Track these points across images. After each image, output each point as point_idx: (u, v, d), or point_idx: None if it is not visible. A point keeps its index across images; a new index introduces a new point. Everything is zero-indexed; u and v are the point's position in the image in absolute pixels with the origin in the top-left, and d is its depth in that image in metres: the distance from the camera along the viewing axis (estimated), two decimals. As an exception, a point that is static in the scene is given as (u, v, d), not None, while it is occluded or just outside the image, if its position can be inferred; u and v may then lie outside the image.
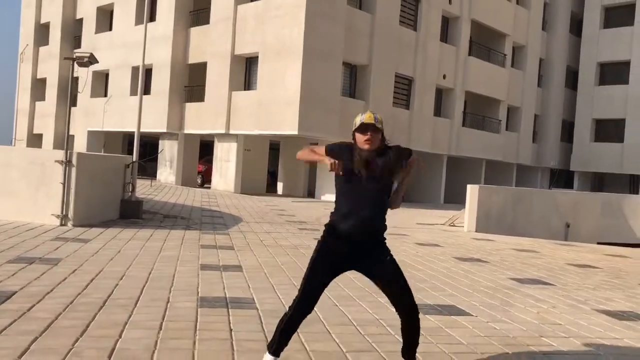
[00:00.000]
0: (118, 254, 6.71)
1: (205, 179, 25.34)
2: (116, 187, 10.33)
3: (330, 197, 22.19)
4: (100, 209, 9.61)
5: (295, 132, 19.40)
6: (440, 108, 26.50)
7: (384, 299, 5.09)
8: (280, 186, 25.42)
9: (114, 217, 10.17)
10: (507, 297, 5.68)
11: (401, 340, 3.94)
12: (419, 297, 5.34)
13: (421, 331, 4.18)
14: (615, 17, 33.19)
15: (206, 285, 5.29)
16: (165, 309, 4.34)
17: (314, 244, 8.64)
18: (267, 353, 3.13)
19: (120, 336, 3.62)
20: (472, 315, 4.82)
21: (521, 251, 9.79)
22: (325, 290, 5.44)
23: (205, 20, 23.77)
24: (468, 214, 13.44)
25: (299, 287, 5.40)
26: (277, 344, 3.13)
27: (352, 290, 5.49)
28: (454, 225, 14.48)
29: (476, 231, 13.14)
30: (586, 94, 33.76)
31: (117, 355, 3.28)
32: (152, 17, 26.40)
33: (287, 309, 3.24)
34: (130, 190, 10.71)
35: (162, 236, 8.43)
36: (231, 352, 3.46)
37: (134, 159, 11.22)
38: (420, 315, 4.71)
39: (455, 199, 25.42)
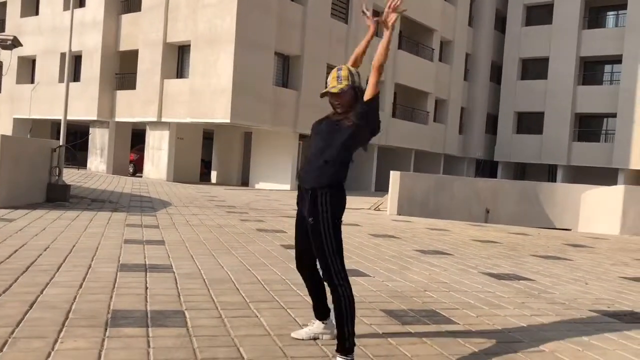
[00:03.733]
0: (43, 230, 6.92)
1: (138, 168, 25.16)
2: (42, 170, 10.37)
3: (265, 185, 22.63)
4: (25, 192, 9.66)
5: (228, 121, 19.66)
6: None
7: (294, 265, 5.62)
8: (214, 175, 25.58)
9: (40, 200, 10.22)
10: (406, 264, 6.32)
11: (301, 293, 4.46)
12: (327, 264, 5.90)
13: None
14: (536, 16, 35.12)
15: (128, 255, 5.63)
16: (87, 273, 4.68)
17: (239, 224, 9.11)
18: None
19: (41, 293, 3.95)
20: (370, 276, 5.41)
21: (434, 230, 10.57)
22: (241, 259, 5.93)
23: (137, 7, 23.55)
24: (390, 199, 14.20)
25: (217, 257, 5.86)
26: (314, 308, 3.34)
27: (267, 258, 5.98)
28: (378, 210, 15.22)
29: (398, 214, 13.90)
30: (509, 88, 35.60)
31: (38, 305, 3.63)
32: (81, 3, 25.88)
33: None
34: (57, 174, 10.76)
35: (89, 217, 8.62)
36: (145, 302, 3.86)
37: (61, 144, 11.24)
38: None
39: (385, 187, 26.23)
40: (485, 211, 21.31)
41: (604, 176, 30.87)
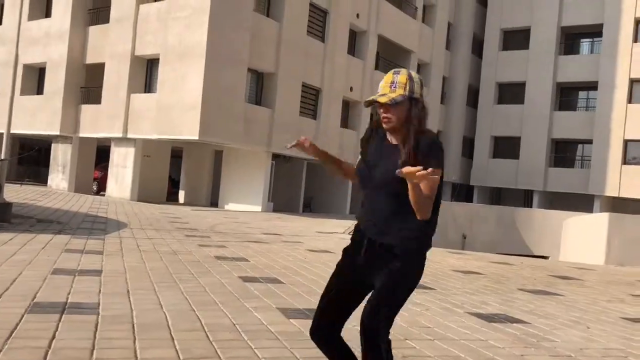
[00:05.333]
0: (-41, 257, 5.92)
1: (102, 186, 23.95)
2: (-21, 187, 9.32)
3: (235, 206, 21.65)
4: (-44, 211, 8.60)
5: (196, 138, 18.73)
6: (347, 119, 26.71)
7: (250, 304, 4.74)
8: (182, 194, 24.52)
9: (-24, 220, 9.16)
10: (383, 301, 5.47)
11: (254, 345, 3.59)
12: (290, 302, 5.03)
13: (278, 335, 3.85)
14: (513, 40, 35.12)
15: (49, 289, 4.68)
16: (-17, 316, 3.73)
17: (197, 251, 8.18)
18: None
19: None
20: (340, 319, 4.54)
21: (411, 258, 9.75)
22: (187, 295, 5.02)
23: (105, 19, 22.61)
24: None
25: (158, 293, 4.94)
26: None
27: (219, 294, 5.08)
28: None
29: (373, 240, 13.07)
30: (486, 112, 35.38)
31: None
32: (47, 13, 24.88)
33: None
34: (-2, 191, 9.72)
35: (24, 240, 7.61)
36: (40, 362, 2.94)
37: (2, 157, 10.21)
38: (284, 319, 4.40)
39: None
40: (462, 237, 20.65)
41: (580, 202, 30.62)
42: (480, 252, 14.40)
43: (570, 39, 34.09)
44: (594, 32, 32.56)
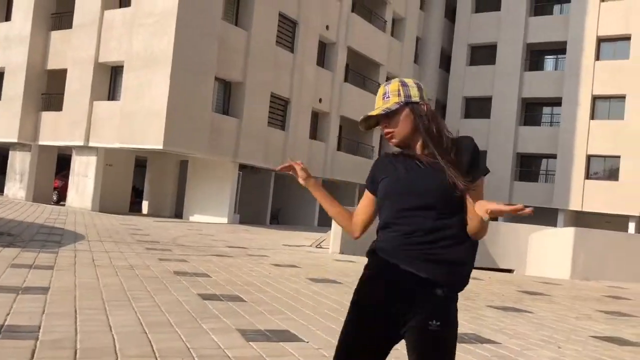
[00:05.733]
0: None
1: (62, 196, 23.18)
2: None
3: (200, 217, 21.18)
4: None
5: (161, 147, 18.26)
6: (316, 131, 26.55)
7: (208, 325, 4.44)
8: (145, 205, 23.90)
9: None
10: (349, 320, 5.22)
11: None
12: (251, 322, 4.74)
13: (235, 362, 3.56)
14: (480, 56, 35.61)
15: (-15, 310, 4.29)
16: None
17: (155, 265, 7.80)
18: None
19: None
20: (304, 342, 4.28)
21: (379, 273, 9.55)
22: (140, 314, 4.69)
23: (68, 24, 22.00)
24: (333, 236, 13.17)
25: (108, 313, 4.60)
26: None
27: (174, 314, 4.75)
28: (320, 247, 14.15)
29: (341, 253, 12.87)
30: (454, 125, 35.63)
31: None
32: (7, 16, 24.12)
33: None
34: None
35: (-32, 253, 7.13)
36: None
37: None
38: (243, 342, 4.12)
39: (328, 222, 25.36)
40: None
41: (545, 216, 31.00)
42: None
43: (536, 56, 34.75)
44: (559, 49, 33.26)
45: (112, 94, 20.97)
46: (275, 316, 5.11)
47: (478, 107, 35.05)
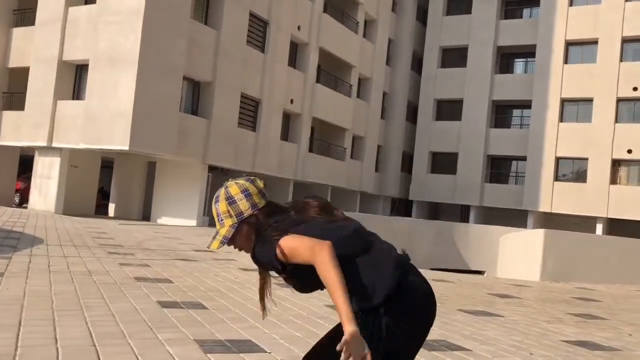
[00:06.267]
0: None
1: (24, 198, 22.49)
2: None
3: (168, 220, 20.73)
4: None
5: (126, 148, 17.80)
6: (288, 132, 26.30)
7: (164, 335, 4.17)
8: (112, 207, 23.31)
9: None
10: (315, 328, 5.01)
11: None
12: (211, 331, 4.49)
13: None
14: (452, 58, 35.82)
15: None
16: None
17: (115, 271, 7.46)
18: None
19: None
20: (266, 352, 4.04)
21: (349, 276, 9.35)
22: (92, 325, 4.39)
23: (31, 21, 21.34)
24: (303, 239, 12.94)
25: (57, 323, 4.29)
26: None
27: (129, 324, 4.46)
28: (290, 250, 13.90)
29: (311, 256, 12.63)
30: (424, 128, 35.82)
31: None
32: (-33, 13, 23.26)
33: None
34: None
35: None
36: None
37: None
38: (200, 354, 3.86)
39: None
40: (402, 252, 20.49)
41: (515, 217, 31.33)
42: (419, 267, 14.19)
43: (506, 59, 35.11)
44: (528, 52, 33.65)
45: (77, 93, 20.40)
46: (238, 324, 4.86)
47: (449, 109, 35.24)
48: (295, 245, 1.88)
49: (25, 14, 21.93)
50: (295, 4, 25.09)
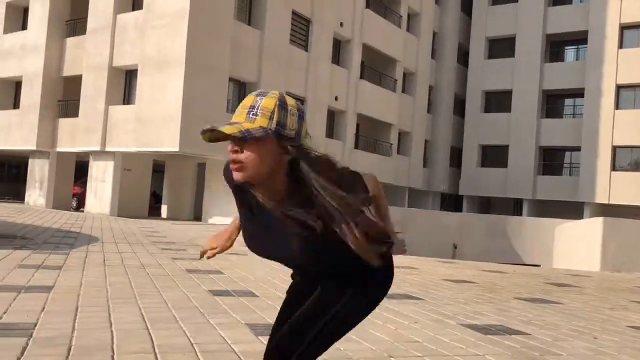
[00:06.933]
0: None
1: (81, 202, 23.25)
2: None
3: (219, 219, 21.01)
4: None
5: (176, 149, 18.14)
6: (333, 129, 26.26)
7: (215, 320, 4.17)
8: (164, 209, 23.84)
9: None
10: (366, 314, 4.91)
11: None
12: (262, 316, 4.47)
13: (241, 356, 3.30)
14: (498, 49, 35.00)
15: (-19, 309, 4.08)
16: None
17: (168, 264, 7.57)
18: None
19: None
20: (317, 335, 3.98)
21: (399, 268, 9.21)
22: (145, 311, 4.45)
23: (82, 30, 22.06)
24: (352, 233, 12.87)
25: (111, 310, 4.36)
26: None
27: (180, 310, 4.50)
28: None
29: (360, 250, 12.54)
30: (473, 121, 35.11)
31: None
32: (23, 25, 24.30)
33: None
34: (-44, 205, 9.06)
35: (-23, 256, 6.98)
36: None
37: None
38: (252, 337, 3.84)
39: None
40: (453, 246, 20.17)
41: (570, 210, 30.30)
42: (471, 261, 13.90)
43: (556, 47, 34.04)
44: (579, 39, 32.53)
45: (127, 97, 20.95)
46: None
47: (498, 100, 34.44)
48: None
49: (77, 24, 22.69)
50: (337, 1, 25.04)
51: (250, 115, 1.52)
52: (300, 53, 23.20)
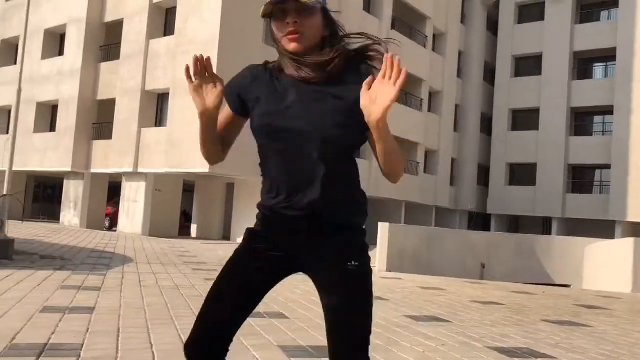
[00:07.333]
0: (-53, 296, 5.63)
1: (114, 222, 23.83)
2: (-20, 223, 9.11)
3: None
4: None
5: (207, 171, 18.55)
6: (359, 149, 26.44)
7: (249, 342, 4.36)
8: (194, 228, 24.25)
9: (-23, 257, 8.91)
10: (395, 336, 5.05)
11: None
12: (293, 338, 4.65)
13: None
14: (525, 67, 34.92)
15: (31, 330, 4.35)
16: (-48, 360, 3.41)
17: (201, 285, 7.82)
18: None
19: None
20: (347, 357, 4.13)
21: (427, 289, 9.30)
22: (182, 333, 4.66)
23: (116, 56, 22.82)
24: (379, 253, 12.99)
25: (150, 331, 4.59)
26: None
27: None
28: (366, 266, 13.95)
29: (387, 270, 12.66)
30: (500, 139, 34.96)
31: None
32: (60, 51, 25.21)
33: None
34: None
35: (21, 277, 7.32)
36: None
37: (5, 192, 10.04)
38: (284, 358, 4.02)
39: (374, 241, 25.10)
40: (481, 266, 20.03)
41: (601, 228, 29.83)
42: (499, 281, 13.85)
43: (584, 64, 33.83)
44: (607, 56, 32.26)
45: (159, 120, 21.52)
46: (318, 332, 4.99)
47: (525, 118, 34.27)
48: None
49: (111, 49, 23.48)
50: (363, 22, 25.37)
51: None
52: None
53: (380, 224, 13.40)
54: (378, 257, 12.89)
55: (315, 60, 1.67)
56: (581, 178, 32.98)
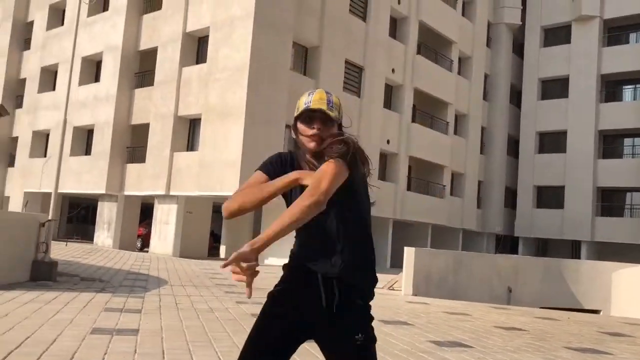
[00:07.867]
0: (5, 317, 6.10)
1: (145, 243, 24.45)
2: (27, 247, 9.66)
3: (275, 260, 21.68)
4: (5, 270, 8.91)
5: (236, 194, 19.04)
6: (385, 172, 26.76)
7: None
8: (223, 249, 24.76)
9: (23, 279, 9.45)
10: (419, 361, 5.34)
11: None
12: (321, 362, 4.97)
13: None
14: (552, 90, 34.91)
15: (85, 350, 4.77)
16: (22, 377, 3.83)
17: (233, 308, 8.21)
18: None
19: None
20: (374, 381, 4.45)
21: (452, 314, 9.52)
22: (222, 355, 5.03)
23: (150, 82, 23.68)
24: (405, 277, 13.21)
25: (192, 353, 4.98)
26: None
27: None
28: (393, 289, 14.17)
29: (414, 295, 12.86)
30: (527, 161, 34.88)
31: None
32: (96, 78, 26.22)
33: None
34: (44, 250, 10.04)
35: (66, 299, 7.80)
36: None
37: (50, 217, 10.61)
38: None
39: (401, 264, 25.19)
40: (508, 290, 20.01)
41: (632, 252, 29.43)
42: (527, 306, 13.92)
43: (612, 87, 33.68)
44: (636, 78, 32.10)
45: (191, 145, 22.20)
46: (347, 356, 5.30)
47: (553, 141, 34.17)
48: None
49: (145, 76, 24.37)
50: (389, 48, 25.88)
51: (329, 106, 2.13)
52: (353, 99, 24.02)
53: (406, 249, 13.64)
54: (404, 282, 13.12)
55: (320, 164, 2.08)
56: (610, 201, 32.64)
